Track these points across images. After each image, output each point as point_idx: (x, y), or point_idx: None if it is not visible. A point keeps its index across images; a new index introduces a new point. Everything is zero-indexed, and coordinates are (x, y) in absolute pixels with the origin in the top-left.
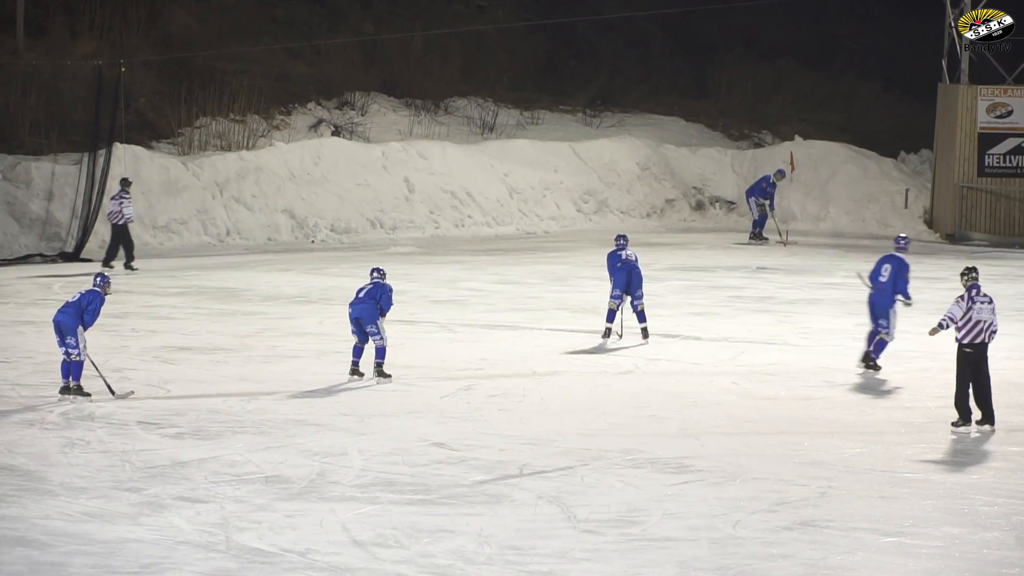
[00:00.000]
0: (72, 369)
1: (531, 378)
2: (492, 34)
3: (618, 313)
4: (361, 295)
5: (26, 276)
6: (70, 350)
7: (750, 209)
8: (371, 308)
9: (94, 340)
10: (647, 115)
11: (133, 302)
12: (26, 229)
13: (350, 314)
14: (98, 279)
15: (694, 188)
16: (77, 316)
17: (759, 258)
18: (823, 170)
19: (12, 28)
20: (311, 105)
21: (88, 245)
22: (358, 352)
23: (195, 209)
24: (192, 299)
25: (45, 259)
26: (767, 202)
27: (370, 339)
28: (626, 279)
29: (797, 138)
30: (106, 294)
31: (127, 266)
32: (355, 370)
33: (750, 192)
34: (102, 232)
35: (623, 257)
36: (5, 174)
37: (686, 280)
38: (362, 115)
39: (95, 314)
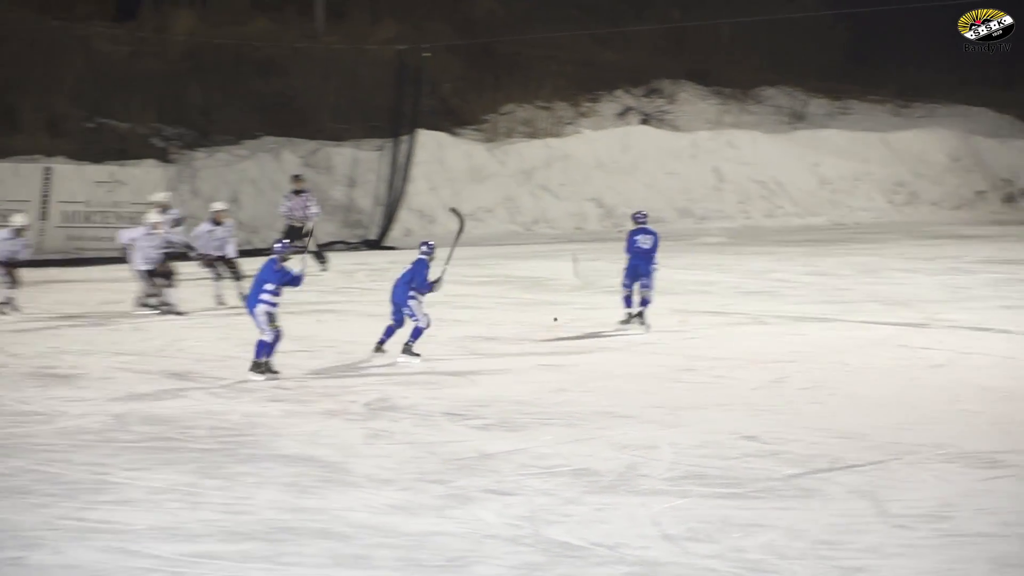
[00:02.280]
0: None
1: (843, 371)
2: (799, 22)
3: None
4: None
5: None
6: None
7: None
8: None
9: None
10: (956, 105)
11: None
12: (328, 215)
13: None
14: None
15: (1003, 180)
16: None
17: None
18: None
19: (311, 12)
20: (618, 92)
21: (392, 233)
22: None
23: (501, 196)
24: (498, 288)
25: (348, 246)
26: None
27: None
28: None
29: None
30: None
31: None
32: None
33: None
34: (405, 219)
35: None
36: (306, 160)
37: (997, 273)
38: (670, 103)
39: (424, 281)
